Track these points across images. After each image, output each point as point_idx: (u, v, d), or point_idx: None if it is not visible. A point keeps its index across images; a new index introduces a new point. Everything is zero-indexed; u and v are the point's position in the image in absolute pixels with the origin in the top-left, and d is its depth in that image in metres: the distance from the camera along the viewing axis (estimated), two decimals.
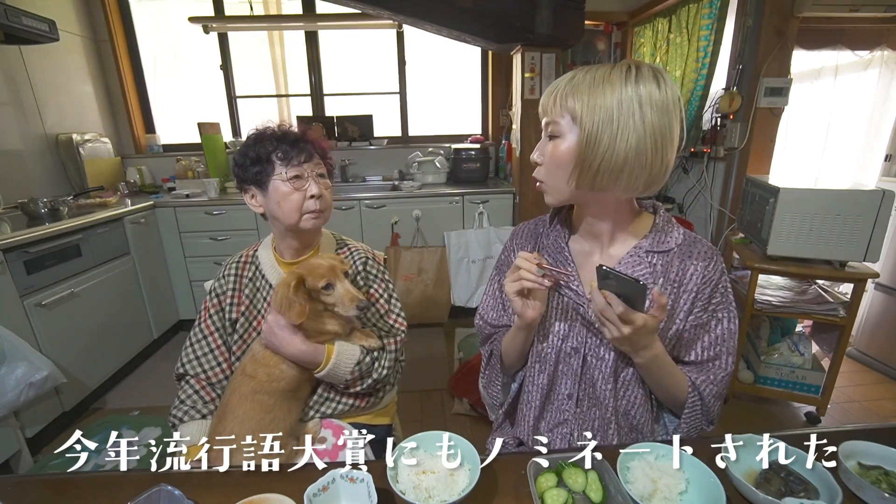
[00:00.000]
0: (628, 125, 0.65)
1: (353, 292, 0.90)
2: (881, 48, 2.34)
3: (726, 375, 0.77)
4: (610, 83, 0.66)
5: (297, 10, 3.07)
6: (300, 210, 0.94)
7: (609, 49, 3.11)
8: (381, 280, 1.07)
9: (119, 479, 0.72)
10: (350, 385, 0.96)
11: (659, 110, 0.65)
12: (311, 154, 0.96)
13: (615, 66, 0.68)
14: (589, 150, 0.67)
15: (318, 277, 0.88)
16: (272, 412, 0.88)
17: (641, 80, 0.65)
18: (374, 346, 0.98)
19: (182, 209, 2.60)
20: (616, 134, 0.65)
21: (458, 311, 2.88)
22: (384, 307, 1.06)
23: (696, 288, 0.75)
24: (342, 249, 1.07)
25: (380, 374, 0.98)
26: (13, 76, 2.33)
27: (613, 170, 0.68)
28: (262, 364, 0.90)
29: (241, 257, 1.06)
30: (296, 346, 0.88)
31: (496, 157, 3.28)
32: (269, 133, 0.96)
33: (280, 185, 0.93)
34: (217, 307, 1.02)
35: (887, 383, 2.17)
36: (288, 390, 0.91)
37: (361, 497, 0.60)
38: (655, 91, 0.65)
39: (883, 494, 0.59)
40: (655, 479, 0.62)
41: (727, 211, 2.36)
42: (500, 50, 2.68)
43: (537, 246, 0.89)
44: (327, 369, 0.91)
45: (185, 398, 0.98)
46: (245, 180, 0.97)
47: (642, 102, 0.65)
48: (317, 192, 0.95)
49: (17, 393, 1.56)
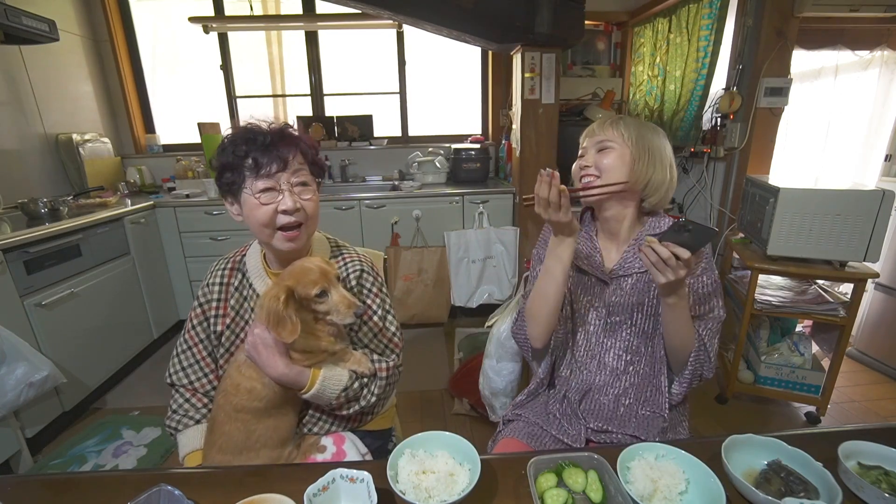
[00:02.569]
0: (665, 157, 0.97)
1: (348, 298, 0.82)
2: (881, 48, 2.34)
3: (718, 322, 0.96)
4: (645, 126, 0.98)
5: (297, 10, 3.07)
6: (270, 226, 0.83)
7: (609, 49, 3.11)
8: (375, 294, 0.97)
9: (119, 479, 0.72)
10: (336, 409, 0.91)
11: (671, 155, 0.99)
12: (285, 162, 0.83)
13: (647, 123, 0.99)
14: (640, 165, 0.94)
15: (310, 285, 0.79)
16: (256, 431, 0.84)
17: (663, 136, 0.99)
18: (365, 373, 0.90)
19: (182, 209, 2.60)
20: (658, 162, 0.96)
21: (458, 311, 2.88)
22: (378, 325, 0.96)
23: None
24: (337, 258, 0.98)
25: (368, 401, 0.91)
26: (13, 76, 2.33)
27: (660, 186, 0.97)
28: (244, 377, 0.84)
29: (228, 263, 0.97)
30: (278, 369, 0.80)
31: (496, 157, 3.28)
32: (241, 135, 0.83)
33: (248, 197, 0.82)
34: (201, 317, 0.96)
35: (887, 383, 2.17)
36: (271, 408, 0.85)
37: (361, 497, 0.60)
38: (669, 145, 1.00)
39: (883, 494, 0.59)
40: (655, 479, 0.62)
41: (727, 211, 2.36)
42: (500, 50, 2.68)
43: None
44: (311, 393, 0.83)
45: (176, 408, 0.96)
46: (220, 187, 0.87)
47: (665, 147, 0.98)
48: (290, 207, 0.82)
49: (17, 393, 1.56)
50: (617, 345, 1.01)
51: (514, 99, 2.60)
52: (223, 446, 0.84)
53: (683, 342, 0.91)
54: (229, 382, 0.86)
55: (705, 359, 0.94)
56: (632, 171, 0.94)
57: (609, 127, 0.97)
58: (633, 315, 0.99)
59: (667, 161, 0.97)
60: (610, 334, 1.01)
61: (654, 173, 0.95)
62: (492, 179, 3.16)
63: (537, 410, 1.04)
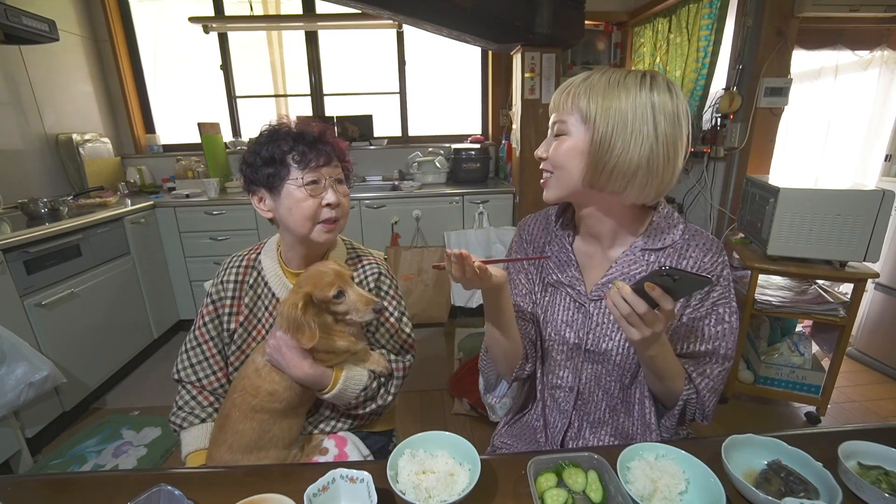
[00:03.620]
0: (642, 132, 0.67)
1: (366, 296, 0.84)
2: (881, 48, 2.34)
3: (723, 370, 0.76)
4: (625, 87, 0.67)
5: (297, 10, 3.07)
6: (313, 219, 0.86)
7: (609, 49, 3.11)
8: (392, 297, 0.99)
9: (119, 479, 0.72)
10: (354, 408, 0.93)
11: (671, 120, 0.67)
12: (330, 157, 0.87)
13: (630, 71, 0.69)
14: (603, 151, 0.69)
15: (327, 287, 0.81)
16: (271, 431, 0.85)
17: (656, 89, 0.67)
18: (384, 372, 0.93)
19: (182, 209, 2.61)
20: (630, 139, 0.67)
21: (458, 311, 2.88)
22: (395, 326, 0.98)
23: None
24: (354, 261, 0.99)
25: (385, 400, 0.94)
26: (13, 76, 2.33)
27: (626, 173, 0.69)
28: (265, 380, 0.85)
29: (243, 261, 0.98)
30: (303, 369, 0.82)
31: (496, 157, 3.28)
32: (286, 131, 0.86)
33: (294, 190, 0.84)
34: (213, 314, 0.96)
35: (887, 383, 2.17)
36: (289, 409, 0.87)
37: (361, 497, 0.60)
38: (668, 101, 0.67)
39: (883, 494, 0.59)
40: (655, 479, 0.62)
41: (727, 211, 2.36)
42: (500, 50, 2.68)
43: (548, 239, 0.89)
44: (332, 393, 0.85)
45: (182, 404, 0.96)
46: (255, 182, 0.87)
47: (656, 111, 0.67)
48: (334, 201, 0.86)
49: (17, 393, 1.56)
50: (598, 392, 0.84)
51: (514, 99, 2.60)
52: (233, 444, 0.85)
53: (668, 387, 0.76)
54: (248, 383, 0.86)
55: (697, 407, 0.77)
56: (591, 164, 0.70)
57: (566, 99, 0.72)
58: (617, 356, 0.79)
59: (647, 131, 0.66)
60: (594, 375, 0.83)
61: (623, 153, 0.67)
62: (492, 179, 3.16)
63: (527, 440, 0.94)
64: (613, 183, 0.70)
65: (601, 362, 0.81)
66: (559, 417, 0.88)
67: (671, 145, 0.68)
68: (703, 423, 0.79)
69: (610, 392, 0.83)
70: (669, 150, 0.68)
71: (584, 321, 0.81)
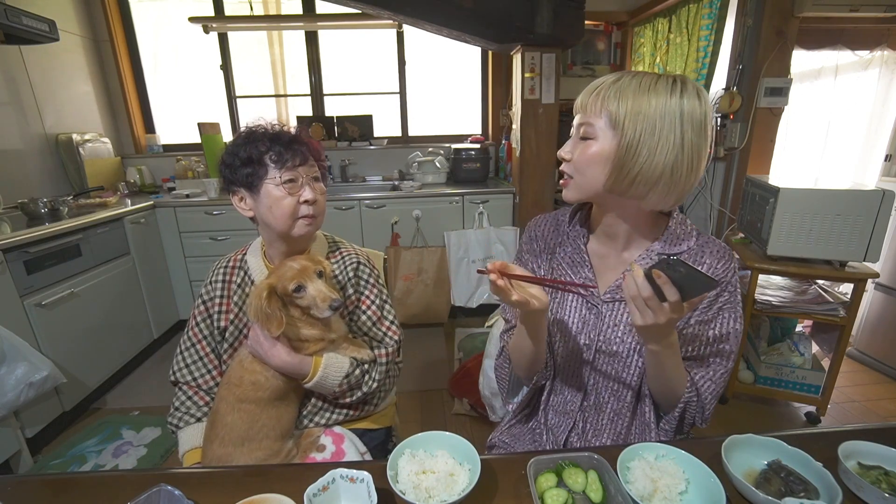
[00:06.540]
0: (669, 140, 0.67)
1: (324, 292, 0.85)
2: (881, 48, 2.34)
3: (725, 373, 0.77)
4: (656, 92, 0.67)
5: (297, 10, 3.07)
6: (293, 215, 0.89)
7: (609, 49, 3.11)
8: (373, 285, 1.02)
9: (119, 479, 0.72)
10: (339, 396, 0.95)
11: (697, 129, 0.67)
12: (305, 157, 0.90)
13: (661, 76, 0.69)
14: (628, 157, 0.68)
15: (288, 280, 0.83)
16: (259, 420, 0.87)
17: (686, 95, 0.67)
18: (365, 359, 0.95)
19: (182, 209, 2.60)
20: (656, 147, 0.67)
21: (458, 311, 2.88)
22: (376, 314, 1.01)
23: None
24: (334, 253, 1.02)
25: (369, 387, 0.95)
26: (13, 76, 2.33)
27: (649, 181, 0.69)
28: (248, 371, 0.88)
29: (229, 262, 1.01)
30: (280, 357, 0.85)
31: (496, 157, 3.28)
32: (262, 132, 0.90)
33: (273, 189, 0.87)
34: (204, 314, 0.99)
35: (887, 383, 2.17)
36: (275, 399, 0.89)
37: (361, 497, 0.60)
38: (697, 108, 0.67)
39: (883, 494, 0.59)
40: (655, 479, 0.62)
41: (727, 211, 2.36)
42: (500, 50, 2.68)
43: (559, 240, 0.89)
44: (314, 381, 0.88)
45: (178, 405, 0.99)
46: (234, 182, 0.90)
47: (684, 119, 0.66)
48: (311, 198, 0.89)
49: (17, 393, 1.56)
50: (608, 388, 0.84)
51: (514, 99, 2.60)
52: (225, 438, 0.86)
53: (669, 387, 0.76)
54: (233, 375, 0.89)
55: (697, 410, 0.77)
56: (615, 170, 0.70)
57: (595, 100, 0.70)
58: (628, 358, 0.79)
59: (674, 139, 0.66)
60: (603, 376, 0.83)
61: (648, 161, 0.67)
62: (492, 179, 3.16)
63: (530, 440, 0.95)
64: (635, 189, 0.70)
65: (611, 364, 0.82)
66: (564, 418, 0.89)
67: (695, 154, 0.68)
68: (701, 426, 0.80)
69: (618, 394, 0.84)
70: (693, 160, 0.68)
71: (597, 322, 0.81)
